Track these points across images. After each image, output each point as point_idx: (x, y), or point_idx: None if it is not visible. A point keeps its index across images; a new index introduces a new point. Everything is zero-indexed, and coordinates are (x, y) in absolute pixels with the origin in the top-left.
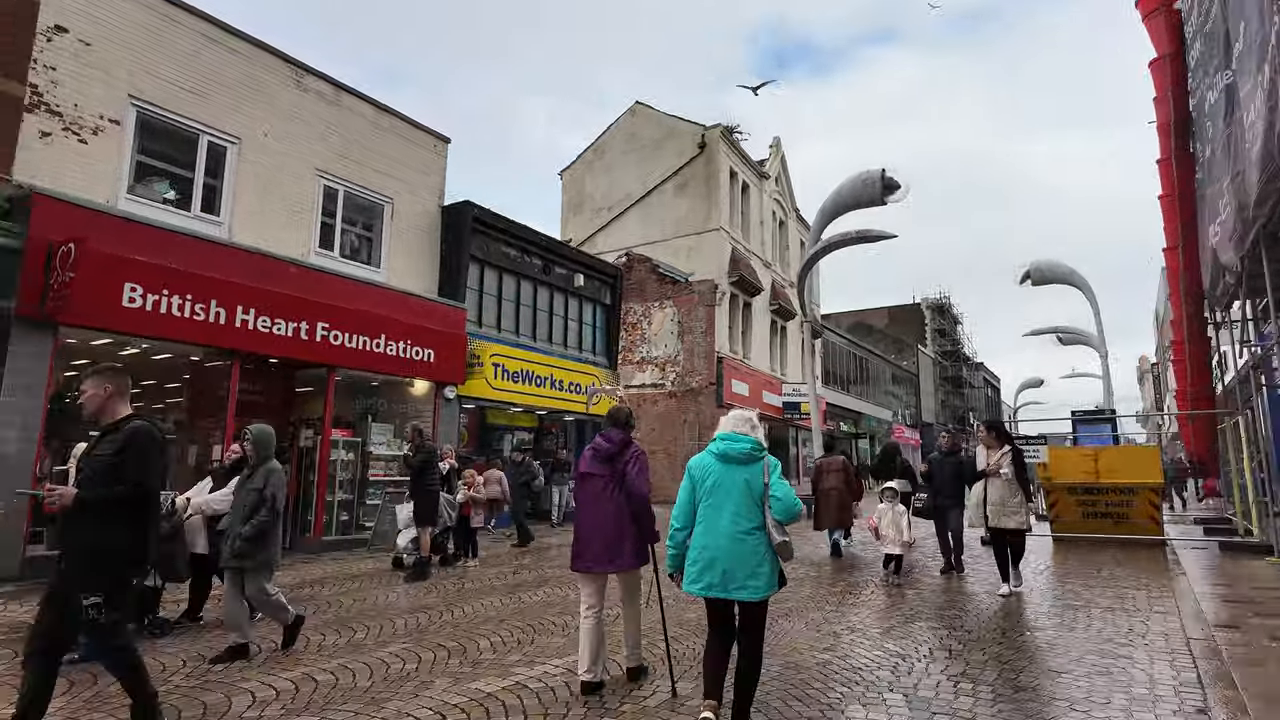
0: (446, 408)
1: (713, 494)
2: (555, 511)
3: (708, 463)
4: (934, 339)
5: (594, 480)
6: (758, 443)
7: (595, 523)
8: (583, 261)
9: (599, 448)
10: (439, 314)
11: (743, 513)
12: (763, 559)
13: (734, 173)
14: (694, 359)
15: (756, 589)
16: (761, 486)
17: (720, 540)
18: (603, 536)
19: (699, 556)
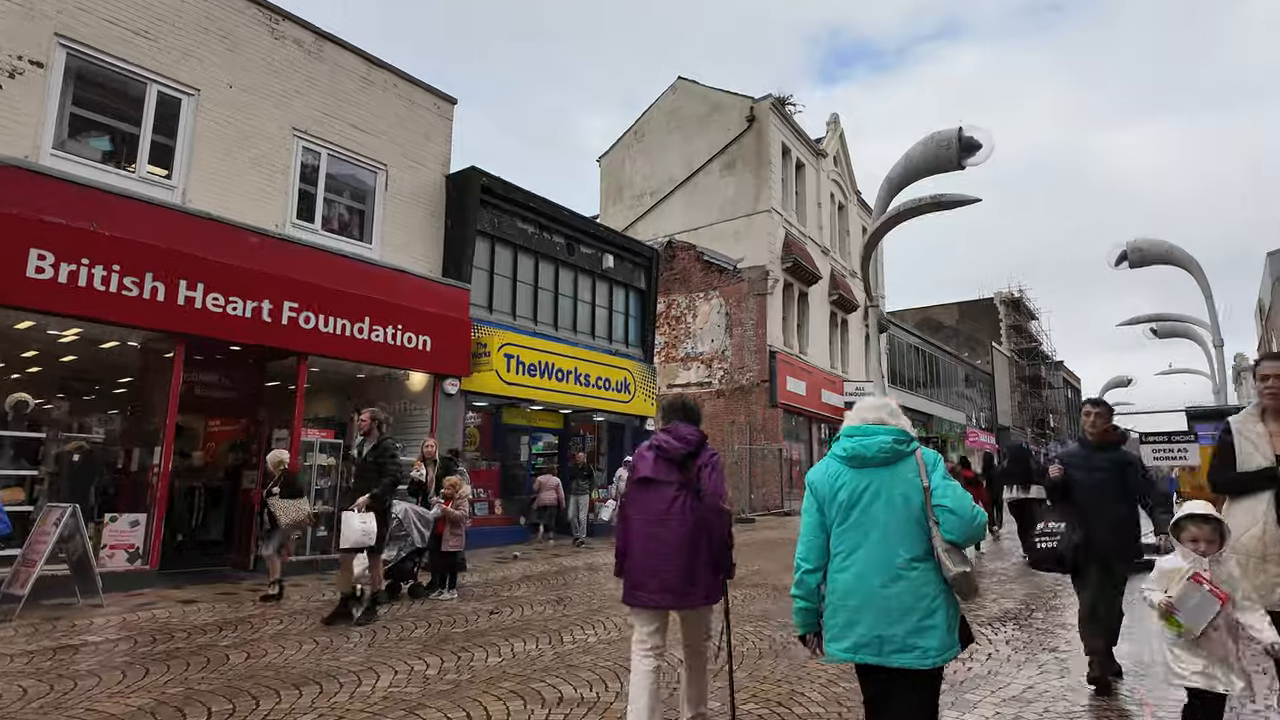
0: (448, 404)
1: (849, 514)
2: (580, 528)
3: (834, 470)
4: (1009, 336)
5: (659, 490)
6: (902, 432)
7: (661, 545)
8: (613, 241)
9: (667, 447)
10: (437, 295)
11: (897, 536)
12: (934, 604)
13: (787, 149)
14: (744, 354)
15: (926, 651)
16: (920, 495)
17: (868, 580)
18: (671, 562)
19: (839, 605)
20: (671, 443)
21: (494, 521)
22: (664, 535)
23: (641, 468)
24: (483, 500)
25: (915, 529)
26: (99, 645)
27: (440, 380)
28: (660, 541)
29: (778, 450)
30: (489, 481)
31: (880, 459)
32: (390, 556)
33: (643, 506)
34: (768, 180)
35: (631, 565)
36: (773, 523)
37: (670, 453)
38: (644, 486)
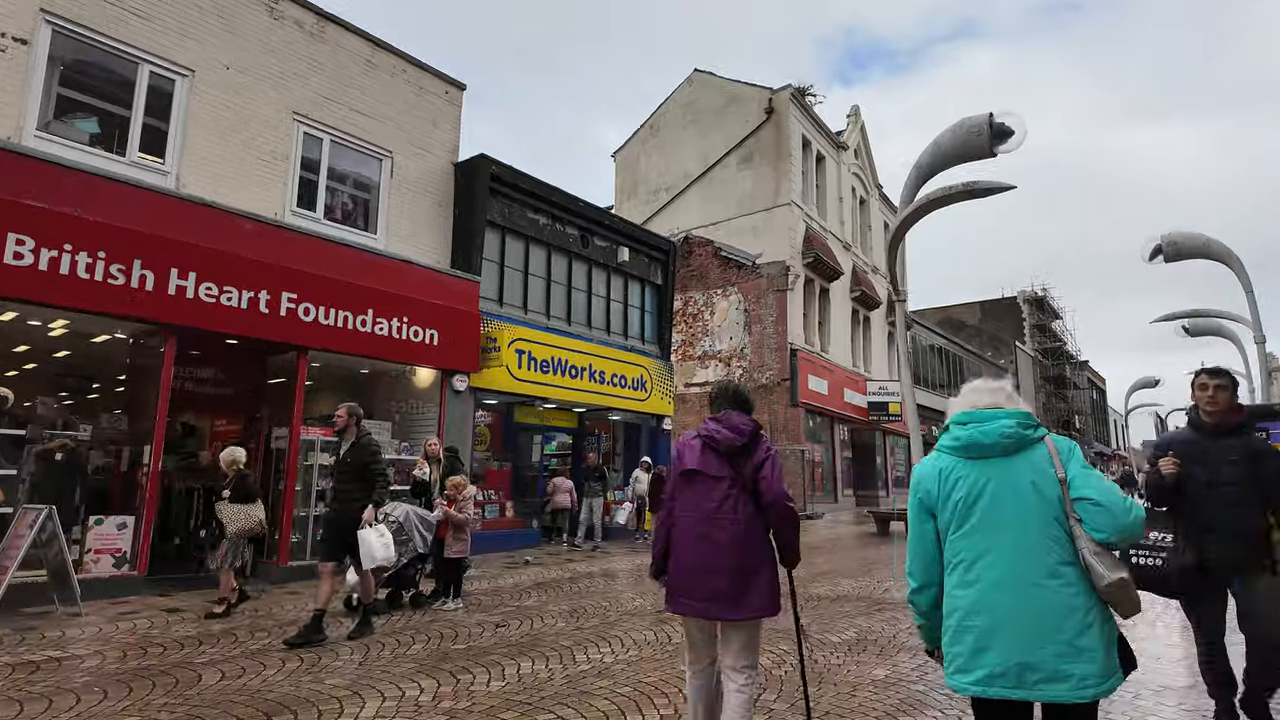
0: (456, 401)
1: (969, 515)
2: (591, 531)
3: (948, 466)
4: (1033, 335)
5: (707, 485)
6: (1028, 415)
7: (710, 547)
8: (629, 233)
9: (718, 437)
10: (445, 287)
11: (1033, 539)
12: (1087, 619)
13: (807, 141)
14: (763, 352)
15: (1084, 679)
16: (1055, 487)
17: (999, 595)
18: (721, 567)
19: (964, 627)
20: (723, 433)
21: (505, 524)
22: (714, 536)
23: (688, 458)
24: (494, 502)
25: (1054, 529)
26: (63, 661)
27: (448, 376)
28: (710, 543)
29: (800, 452)
30: (500, 482)
31: (1003, 447)
32: (391, 561)
33: (689, 503)
34: (787, 173)
35: (676, 568)
36: None
37: (721, 444)
38: (690, 480)
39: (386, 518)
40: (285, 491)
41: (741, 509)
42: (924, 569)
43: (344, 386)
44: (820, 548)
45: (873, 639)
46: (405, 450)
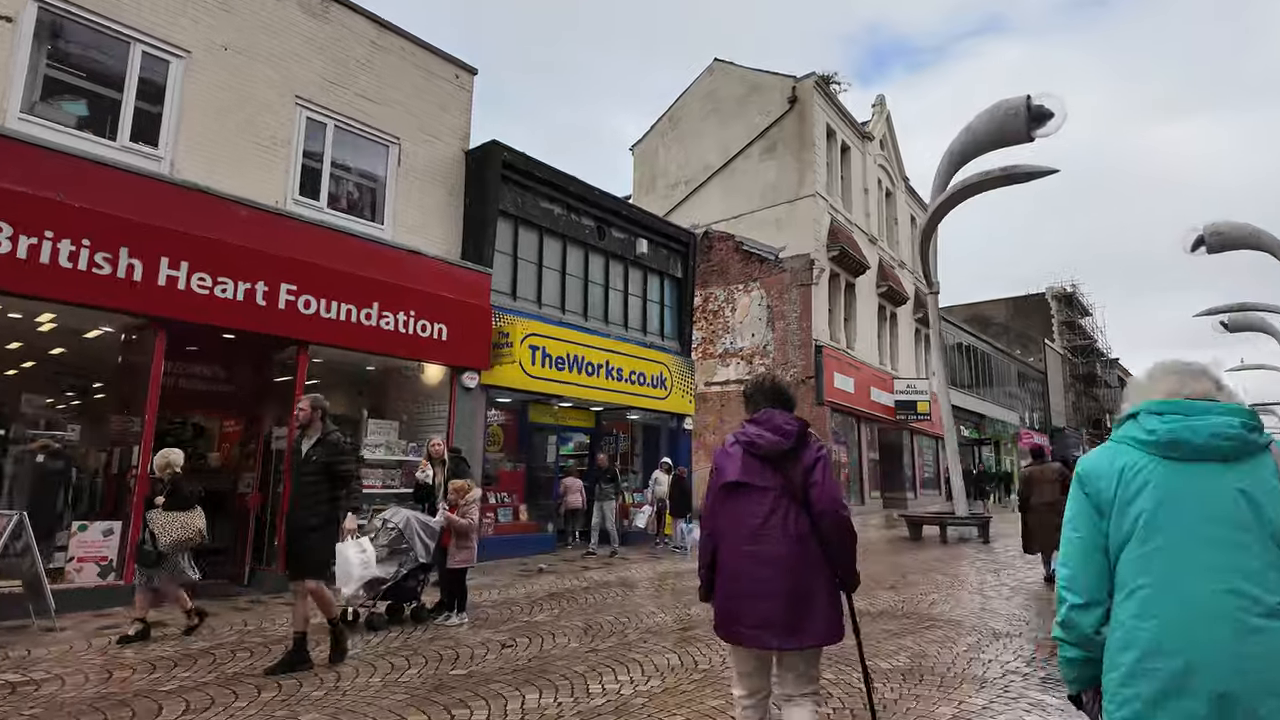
0: (466, 400)
1: (1156, 529)
2: (605, 536)
3: (1132, 464)
4: (1062, 332)
5: (751, 496)
6: (1251, 415)
7: (759, 567)
8: (647, 224)
9: (761, 442)
10: (455, 279)
11: (1251, 566)
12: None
13: (831, 131)
14: (787, 349)
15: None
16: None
17: (1202, 626)
18: (777, 591)
19: (1143, 669)
20: (765, 436)
21: (519, 529)
22: (764, 554)
23: (728, 469)
24: (507, 505)
25: (1276, 555)
26: (17, 688)
27: (458, 374)
28: (758, 562)
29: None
30: (514, 485)
31: (1219, 452)
32: (389, 574)
33: (734, 518)
34: (811, 164)
35: (723, 590)
36: None
37: (764, 449)
38: (732, 493)
39: (385, 524)
40: (284, 495)
41: (793, 522)
42: (1093, 583)
43: (349, 384)
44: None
45: (928, 665)
46: (413, 451)
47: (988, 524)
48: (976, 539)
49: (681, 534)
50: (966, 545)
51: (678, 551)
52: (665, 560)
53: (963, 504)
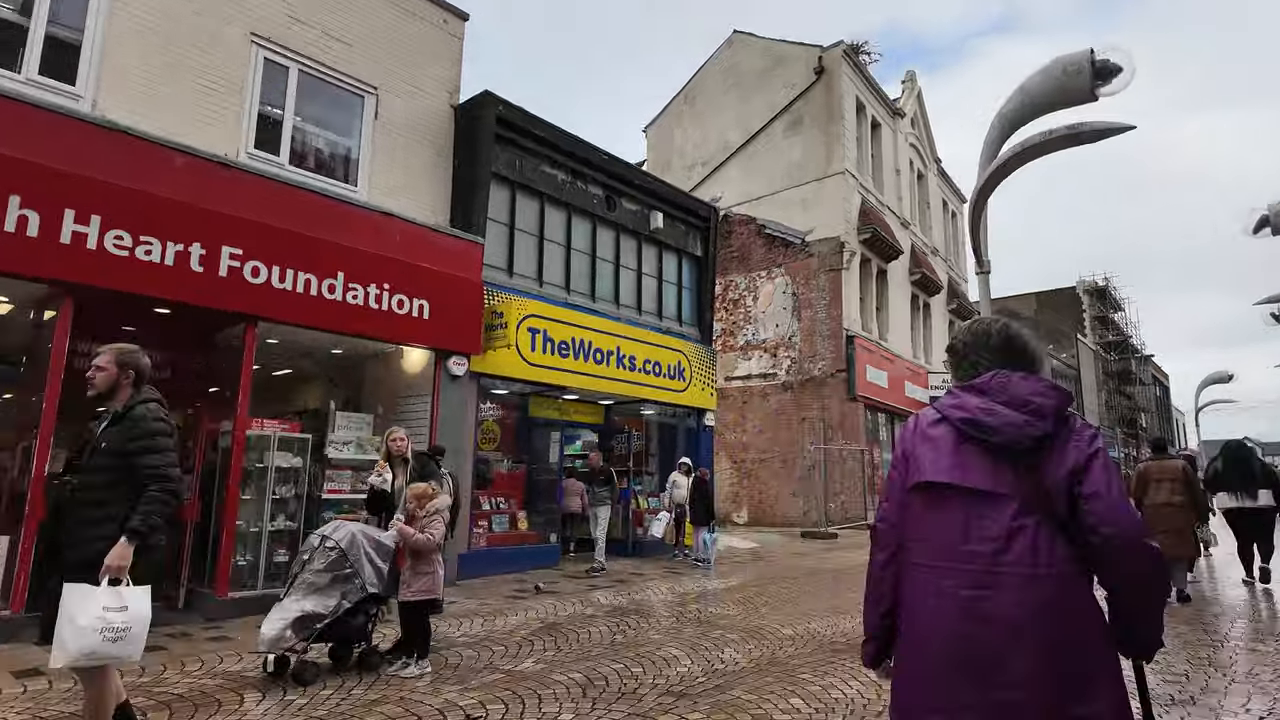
0: (453, 389)
1: None
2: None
3: None
4: (1094, 328)
5: (975, 510)
6: None
7: (988, 627)
8: (663, 195)
9: (991, 421)
10: (439, 248)
11: None
12: None
13: (861, 105)
14: (815, 340)
15: None
16: None
17: None
18: (1022, 670)
19: None
20: (1000, 414)
21: (516, 539)
22: (996, 608)
23: (927, 462)
24: (503, 512)
25: None
26: None
27: (443, 359)
28: (986, 621)
29: (860, 452)
30: (512, 488)
31: None
32: (327, 608)
33: (939, 543)
34: (840, 138)
35: (916, 662)
36: (856, 539)
37: (998, 433)
38: (938, 501)
39: (324, 542)
40: (227, 501)
41: (1047, 555)
42: None
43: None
44: None
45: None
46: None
47: None
48: None
49: (704, 545)
50: None
51: (700, 566)
52: (686, 577)
53: None
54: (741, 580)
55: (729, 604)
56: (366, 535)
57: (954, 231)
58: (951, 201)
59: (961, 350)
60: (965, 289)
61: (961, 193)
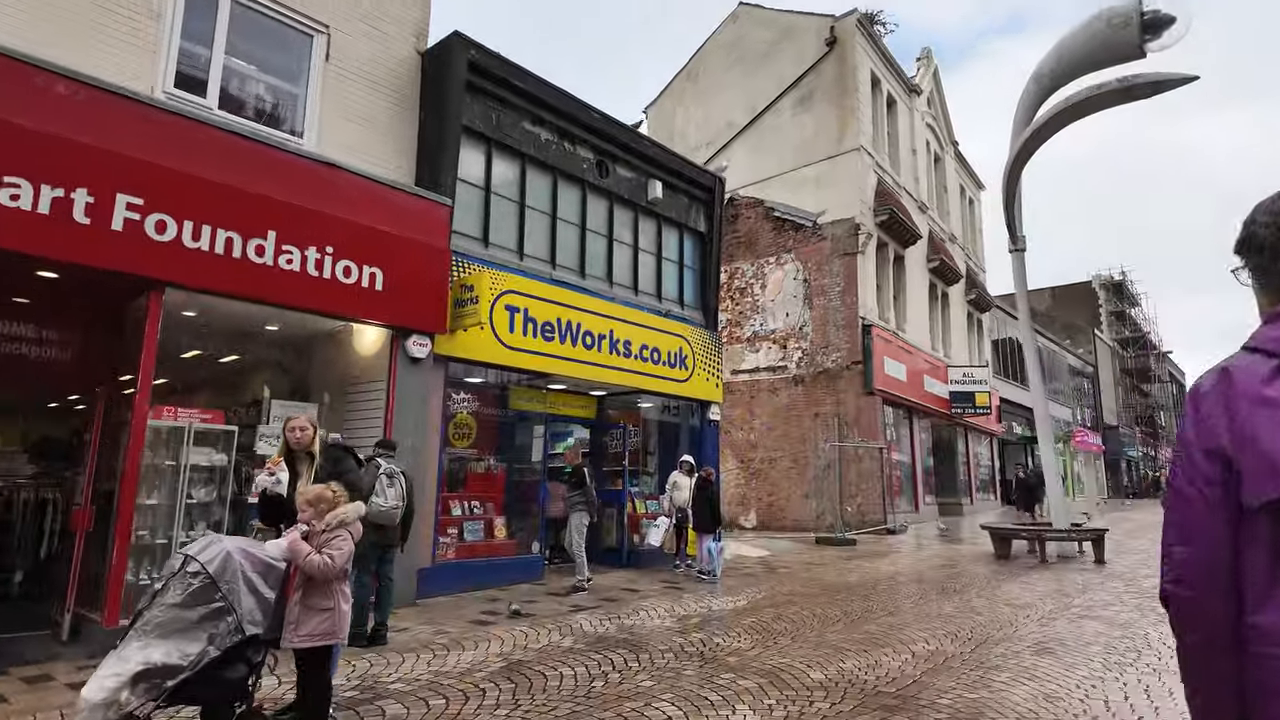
0: (413, 374)
1: None
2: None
3: None
4: (1110, 324)
5: None
6: None
7: None
8: (661, 162)
9: None
10: (395, 208)
11: None
12: None
13: (876, 79)
14: (828, 330)
15: None
16: None
17: None
18: None
19: None
20: None
21: (492, 550)
22: None
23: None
24: (476, 519)
25: None
26: None
27: (400, 338)
28: None
29: (879, 450)
30: (489, 491)
31: None
32: (187, 657)
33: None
34: (854, 111)
35: None
36: (876, 545)
37: None
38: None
39: (185, 564)
40: (119, 506)
41: None
42: None
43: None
44: (929, 581)
45: None
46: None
47: (1102, 539)
48: (1079, 556)
49: (709, 555)
50: (1074, 566)
51: (704, 579)
52: (688, 594)
53: (1062, 514)
54: (752, 598)
55: (739, 632)
56: (248, 555)
57: (971, 219)
58: (969, 187)
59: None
60: (984, 280)
61: (979, 179)
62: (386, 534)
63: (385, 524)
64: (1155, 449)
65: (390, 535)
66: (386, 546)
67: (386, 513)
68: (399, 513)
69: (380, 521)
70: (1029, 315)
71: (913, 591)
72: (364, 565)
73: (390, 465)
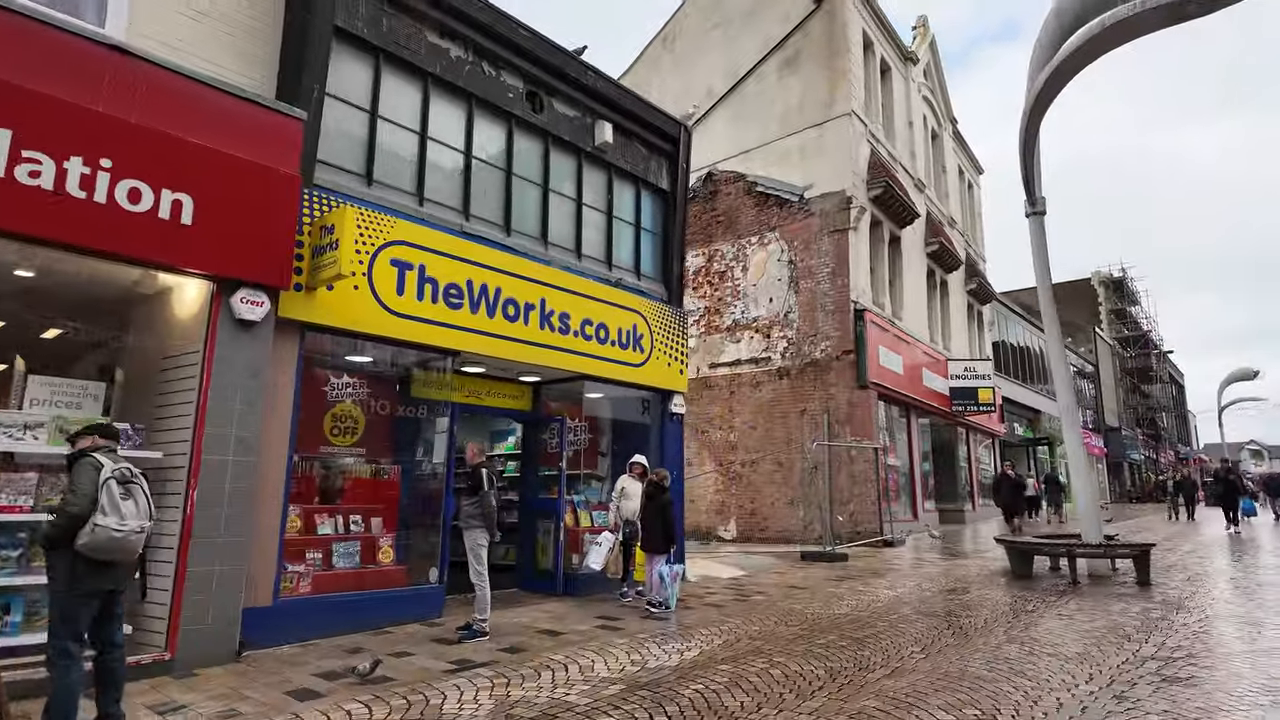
0: (241, 342)
1: None
2: (482, 601)
3: None
4: (1110, 322)
5: None
6: None
7: None
8: (612, 99)
9: None
10: (221, 117)
11: None
12: None
13: (869, 41)
14: (815, 316)
15: None
16: None
17: None
18: None
19: None
20: None
21: (372, 580)
22: None
23: None
24: (350, 539)
25: None
26: None
27: (225, 294)
28: None
29: (874, 451)
30: (377, 502)
31: None
32: None
33: None
34: (845, 74)
35: None
36: (871, 559)
37: None
38: None
39: None
40: None
41: None
42: None
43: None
44: (938, 613)
45: None
46: (137, 442)
47: (1147, 556)
48: (1114, 575)
49: (659, 582)
50: (1113, 590)
51: (653, 613)
52: (622, 636)
53: (1095, 526)
54: (707, 645)
55: (674, 712)
56: None
57: (971, 204)
58: (968, 171)
59: None
60: (985, 269)
61: (979, 163)
62: (114, 574)
63: (117, 559)
64: (1157, 452)
65: (119, 575)
66: (111, 592)
67: (123, 541)
68: (142, 539)
69: (107, 556)
70: (1050, 286)
71: (920, 631)
72: (71, 627)
73: (121, 465)
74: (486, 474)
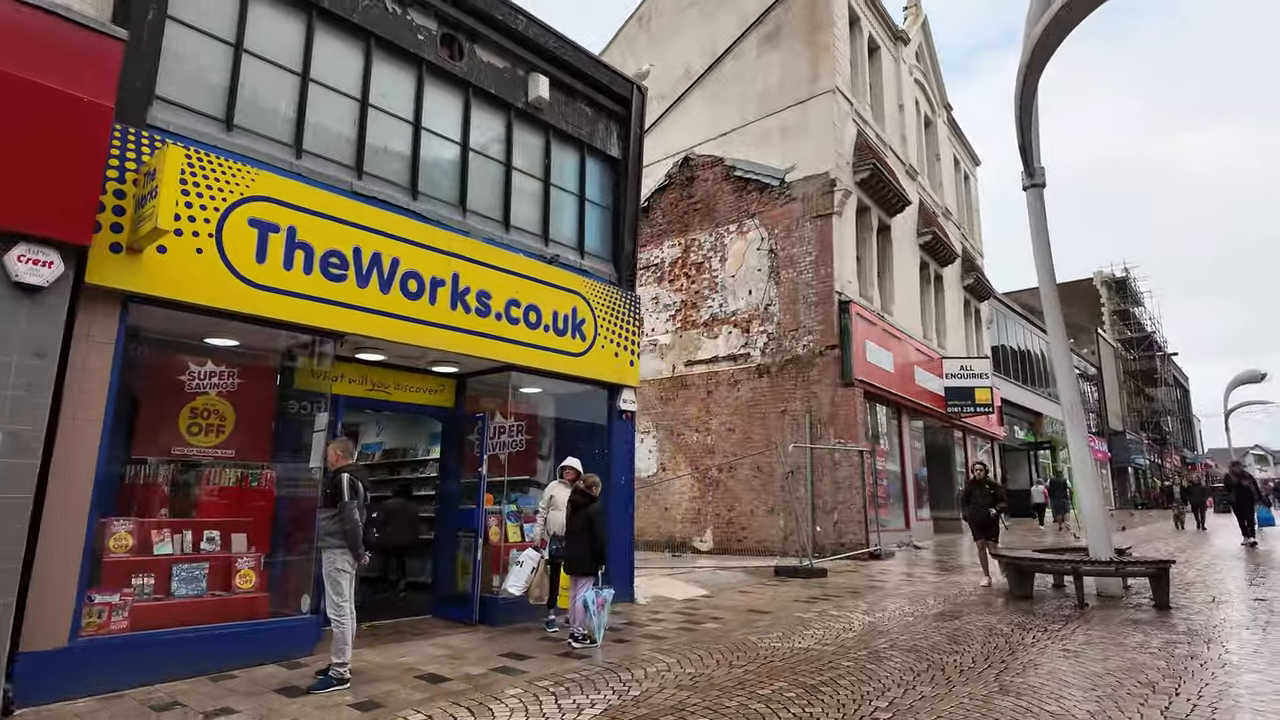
0: (24, 312)
1: None
2: (343, 636)
3: None
4: (1113, 323)
5: None
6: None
7: None
8: (551, 51)
9: None
10: (7, 26)
11: None
12: None
13: (855, 15)
14: (797, 309)
15: None
16: None
17: None
18: None
19: None
20: None
21: (227, 612)
22: None
23: None
24: (200, 561)
25: None
26: None
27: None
28: None
29: (860, 454)
30: (243, 514)
31: None
32: None
33: None
34: (829, 49)
35: None
36: (853, 575)
37: None
38: None
39: None
40: None
41: None
42: None
43: None
44: (922, 648)
45: None
46: None
47: (1166, 573)
48: (1125, 595)
49: (584, 610)
50: (1126, 615)
51: (575, 650)
52: (514, 687)
53: (1104, 538)
54: (619, 700)
55: None
56: None
57: (967, 196)
58: (964, 161)
59: None
60: (982, 265)
61: (975, 153)
62: None
63: None
64: (1162, 457)
65: None
66: None
67: None
68: None
69: None
70: (1050, 268)
71: (893, 674)
72: None
73: None
74: (349, 481)
